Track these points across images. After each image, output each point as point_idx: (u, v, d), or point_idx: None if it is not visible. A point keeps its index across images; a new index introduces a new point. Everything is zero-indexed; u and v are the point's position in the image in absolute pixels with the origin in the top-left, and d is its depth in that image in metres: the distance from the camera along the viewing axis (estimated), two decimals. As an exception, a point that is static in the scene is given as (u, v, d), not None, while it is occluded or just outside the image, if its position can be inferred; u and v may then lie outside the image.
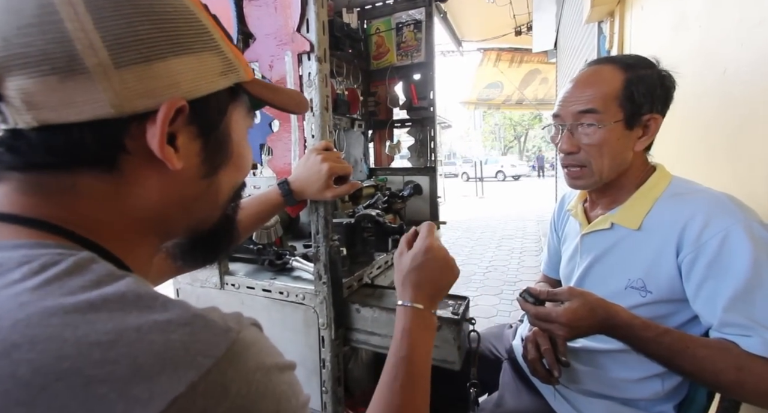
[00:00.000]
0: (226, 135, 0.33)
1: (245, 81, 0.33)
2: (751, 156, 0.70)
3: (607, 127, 0.62)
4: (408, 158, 1.57)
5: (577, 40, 2.66)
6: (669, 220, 0.60)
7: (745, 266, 0.52)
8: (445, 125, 13.90)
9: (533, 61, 6.37)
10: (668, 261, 0.60)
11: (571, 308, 0.55)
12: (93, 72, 0.24)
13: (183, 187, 0.31)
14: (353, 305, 0.76)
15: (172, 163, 0.28)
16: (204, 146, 0.31)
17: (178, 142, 0.28)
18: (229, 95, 0.32)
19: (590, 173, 0.66)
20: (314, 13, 0.67)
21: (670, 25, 1.12)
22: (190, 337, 0.21)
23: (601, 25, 1.97)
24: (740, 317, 0.52)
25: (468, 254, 3.89)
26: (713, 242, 0.54)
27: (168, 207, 0.31)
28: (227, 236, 0.39)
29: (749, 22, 0.69)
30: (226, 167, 0.33)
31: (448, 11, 4.25)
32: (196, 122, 0.29)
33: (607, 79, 0.63)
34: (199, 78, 0.29)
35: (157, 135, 0.27)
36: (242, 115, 0.35)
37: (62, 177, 0.26)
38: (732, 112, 0.60)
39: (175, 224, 0.33)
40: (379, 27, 1.51)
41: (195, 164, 0.31)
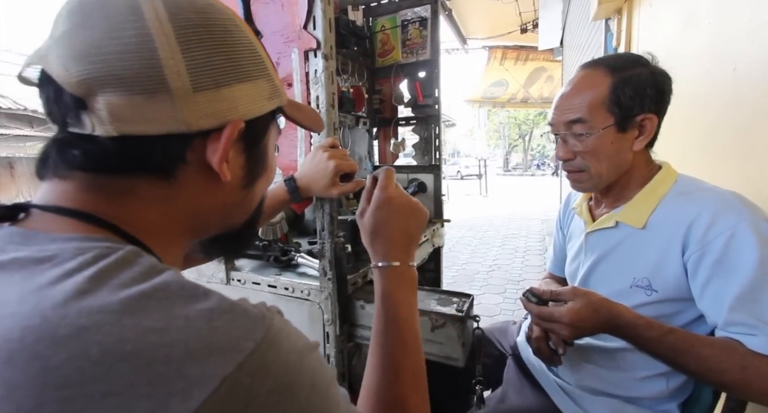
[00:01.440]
0: (264, 151, 0.37)
1: (285, 105, 0.38)
2: (761, 154, 0.69)
3: (596, 134, 0.63)
4: (412, 156, 1.57)
5: (584, 38, 2.64)
6: (675, 218, 0.60)
7: (752, 265, 0.51)
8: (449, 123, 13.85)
9: (539, 59, 6.32)
10: (674, 260, 0.59)
11: (574, 309, 0.55)
12: (175, 94, 0.28)
13: (226, 195, 0.35)
14: (358, 302, 0.77)
15: (225, 176, 0.32)
16: (247, 160, 0.35)
17: (228, 156, 0.32)
18: (272, 117, 0.36)
19: (590, 176, 0.67)
20: (321, 10, 0.67)
21: (679, 22, 1.11)
22: (232, 323, 0.24)
23: (608, 23, 1.96)
24: (746, 316, 0.52)
25: (472, 252, 3.88)
26: (719, 241, 0.54)
27: (210, 213, 0.35)
28: (250, 235, 0.43)
29: (760, 19, 0.68)
30: (262, 178, 0.38)
31: (454, 9, 4.23)
32: (244, 140, 0.33)
33: (594, 85, 0.63)
34: (254, 102, 0.33)
35: (219, 152, 0.30)
36: (275, 131, 0.39)
37: (123, 180, 0.30)
38: (742, 110, 0.60)
39: (212, 227, 0.37)
40: (385, 24, 1.51)
41: (239, 176, 0.34)
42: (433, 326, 0.70)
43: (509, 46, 6.05)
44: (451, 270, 3.27)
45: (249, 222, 0.40)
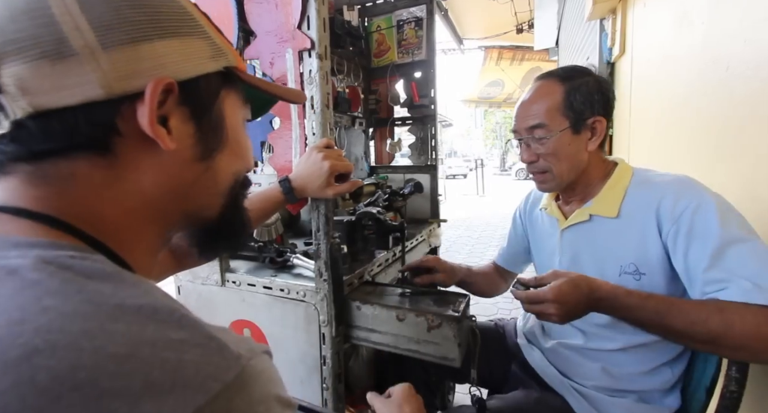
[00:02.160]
0: (219, 119, 0.33)
1: (236, 67, 0.34)
2: (754, 154, 0.70)
3: (555, 136, 0.70)
4: (409, 156, 1.57)
5: (579, 38, 2.65)
6: (643, 203, 0.65)
7: (716, 228, 0.56)
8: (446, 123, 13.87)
9: (535, 59, 6.34)
10: (654, 241, 0.64)
11: (555, 286, 0.58)
12: (81, 54, 0.25)
13: (178, 170, 0.31)
14: (354, 303, 0.76)
15: (164, 142, 0.28)
16: (197, 128, 0.31)
17: (170, 123, 0.29)
18: (222, 81, 0.33)
19: (552, 177, 0.73)
20: (315, 10, 0.67)
21: (672, 22, 1.12)
22: (202, 358, 0.21)
23: (603, 23, 1.96)
24: (717, 272, 0.55)
25: (469, 252, 3.89)
26: (687, 213, 0.60)
27: (164, 192, 0.31)
28: (239, 225, 0.40)
29: (753, 19, 0.69)
30: (223, 152, 0.34)
31: (450, 9, 4.23)
32: (187, 104, 0.30)
33: (549, 94, 0.71)
34: (186, 60, 0.30)
35: (146, 113, 0.27)
36: (237, 103, 0.36)
37: (62, 166, 0.27)
38: (735, 109, 0.60)
39: (173, 211, 0.33)
40: (380, 24, 1.51)
41: (188, 146, 0.31)
42: (429, 326, 0.70)
43: (505, 46, 6.08)
44: (449, 270, 3.27)
45: (231, 208, 0.37)
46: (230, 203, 0.37)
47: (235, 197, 0.38)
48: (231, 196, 0.37)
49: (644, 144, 1.46)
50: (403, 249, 0.96)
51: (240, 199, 0.39)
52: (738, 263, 0.54)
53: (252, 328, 0.84)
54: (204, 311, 0.90)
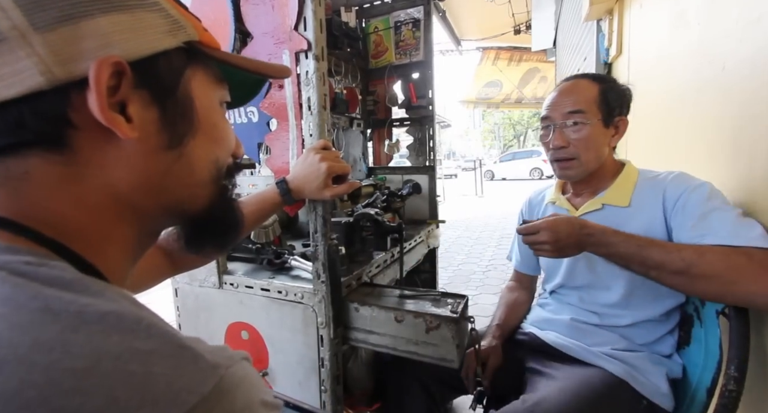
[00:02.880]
0: (186, 100, 0.30)
1: (199, 42, 0.30)
2: (750, 152, 0.70)
3: (591, 123, 0.76)
4: (407, 157, 1.57)
5: (576, 39, 2.66)
6: (651, 194, 0.74)
7: (705, 201, 0.65)
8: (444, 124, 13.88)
9: (532, 59, 6.36)
10: (660, 226, 0.71)
11: (551, 218, 0.68)
12: (10, 37, 0.23)
13: (146, 161, 0.28)
14: (352, 304, 0.76)
15: (121, 130, 0.25)
16: (161, 112, 0.28)
17: (129, 110, 0.26)
18: (186, 58, 0.30)
19: (578, 164, 0.78)
20: (311, 11, 0.67)
21: (668, 22, 1.12)
22: (174, 371, 0.20)
23: (600, 24, 1.97)
24: (700, 228, 0.63)
25: (468, 253, 3.89)
26: (685, 194, 0.68)
27: (134, 187, 0.28)
28: (228, 219, 0.37)
29: (748, 19, 0.69)
30: (196, 137, 0.31)
31: (447, 10, 4.24)
32: (146, 86, 0.27)
33: (587, 88, 0.78)
34: (137, 37, 0.26)
35: (95, 99, 0.24)
36: (208, 82, 0.32)
37: (12, 165, 0.24)
38: (731, 108, 0.61)
39: (147, 207, 0.30)
40: (378, 26, 1.51)
41: (154, 133, 0.28)
42: (427, 327, 0.70)
43: (503, 47, 6.09)
44: (447, 271, 3.27)
45: (217, 199, 0.34)
46: (217, 195, 0.34)
47: (222, 188, 0.35)
48: (216, 186, 0.33)
49: (641, 143, 1.46)
50: (401, 250, 0.96)
51: (227, 190, 0.36)
52: (719, 223, 0.61)
53: (250, 330, 0.83)
54: (201, 313, 0.89)
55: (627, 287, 0.75)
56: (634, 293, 0.75)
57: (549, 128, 0.79)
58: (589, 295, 0.81)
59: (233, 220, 0.38)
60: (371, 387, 1.15)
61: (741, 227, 0.60)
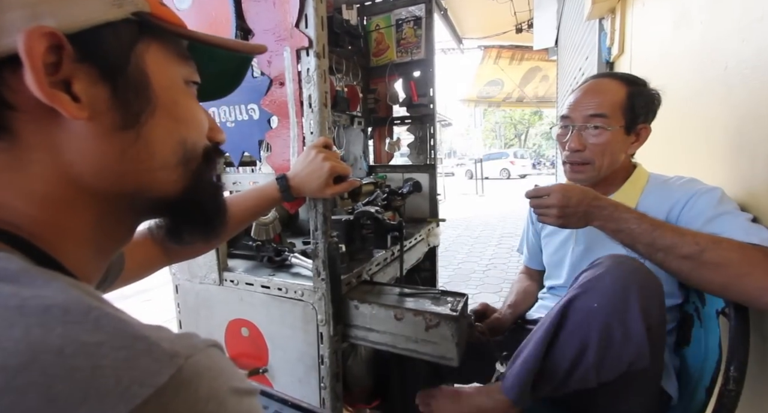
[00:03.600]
0: (140, 76, 0.27)
1: (150, 13, 0.28)
2: (751, 153, 0.70)
3: (612, 130, 0.73)
4: (408, 156, 1.57)
5: (578, 38, 2.65)
6: (659, 198, 0.73)
7: (715, 204, 0.64)
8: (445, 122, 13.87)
9: (534, 58, 6.34)
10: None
11: (562, 183, 0.66)
12: None
13: (98, 143, 0.26)
14: (352, 302, 0.76)
15: (66, 109, 0.23)
16: (113, 91, 0.26)
17: (75, 88, 0.24)
18: (137, 32, 0.28)
19: (592, 169, 0.76)
20: (313, 8, 0.67)
21: (671, 21, 1.12)
22: (125, 363, 0.18)
23: (602, 22, 1.96)
24: (709, 230, 0.62)
25: (468, 252, 3.89)
26: (695, 197, 0.67)
27: (88, 173, 0.26)
28: (209, 205, 0.34)
29: (750, 18, 0.69)
30: (156, 116, 0.28)
31: (449, 8, 4.23)
32: (92, 61, 0.25)
33: (614, 90, 0.74)
34: (72, 6, 0.24)
35: (30, 75, 0.22)
36: (167, 57, 0.30)
37: None
38: (733, 108, 0.61)
39: (106, 194, 0.27)
40: (379, 23, 1.50)
41: (105, 112, 0.26)
42: (427, 325, 0.70)
43: (504, 45, 6.07)
44: (448, 270, 3.27)
45: (191, 187, 0.31)
46: (190, 179, 0.31)
47: (196, 172, 0.32)
48: (187, 170, 0.31)
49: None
50: (401, 248, 0.96)
51: (203, 175, 0.33)
52: (730, 224, 0.60)
53: (250, 327, 0.83)
54: (202, 310, 0.90)
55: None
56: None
57: (568, 128, 0.76)
58: None
59: (214, 207, 0.35)
60: (371, 385, 1.16)
61: (754, 228, 0.59)
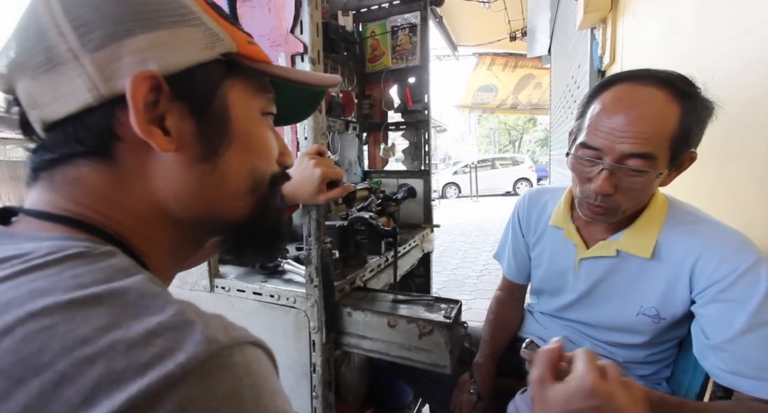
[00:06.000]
0: (223, 112, 0.30)
1: (238, 53, 0.31)
2: (738, 161, 0.71)
3: (655, 173, 0.54)
4: (402, 161, 1.57)
5: (571, 46, 2.69)
6: (681, 250, 0.58)
7: (752, 305, 0.51)
8: (440, 128, 13.96)
9: (527, 66, 6.44)
10: (682, 293, 0.59)
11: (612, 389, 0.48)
12: (66, 59, 0.25)
13: (182, 172, 0.29)
14: (345, 309, 0.76)
15: (158, 143, 0.27)
16: (198, 125, 0.29)
17: (167, 123, 0.27)
18: (225, 70, 0.31)
19: (617, 213, 0.59)
20: (308, 14, 0.67)
21: (660, 31, 1.14)
22: (173, 344, 0.19)
23: (593, 32, 2.00)
24: (733, 358, 0.52)
25: (462, 257, 3.90)
26: (729, 279, 0.53)
27: (171, 198, 0.29)
28: (269, 231, 0.36)
29: (736, 30, 0.70)
30: (231, 148, 0.31)
31: (444, 16, 4.28)
32: (184, 99, 0.28)
33: (664, 114, 0.52)
34: (174, 51, 0.27)
35: (133, 114, 0.26)
36: (247, 92, 0.32)
37: (67, 171, 0.27)
38: (721, 116, 0.61)
39: (182, 217, 0.31)
40: (375, 30, 1.52)
41: (190, 145, 0.29)
42: (420, 333, 0.70)
43: (499, 53, 6.16)
44: (442, 275, 3.27)
45: (257, 212, 0.34)
46: (256, 206, 0.34)
47: (262, 198, 0.34)
48: (256, 197, 0.33)
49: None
50: (395, 254, 0.96)
51: (268, 201, 0.35)
52: (758, 354, 0.50)
53: (241, 335, 0.82)
54: (192, 317, 0.88)
55: (652, 335, 0.65)
56: (656, 339, 0.66)
57: (595, 163, 0.56)
58: (598, 332, 0.71)
59: (276, 231, 0.37)
60: (364, 393, 1.14)
61: None
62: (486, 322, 0.85)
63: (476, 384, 0.76)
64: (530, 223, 0.80)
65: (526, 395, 0.57)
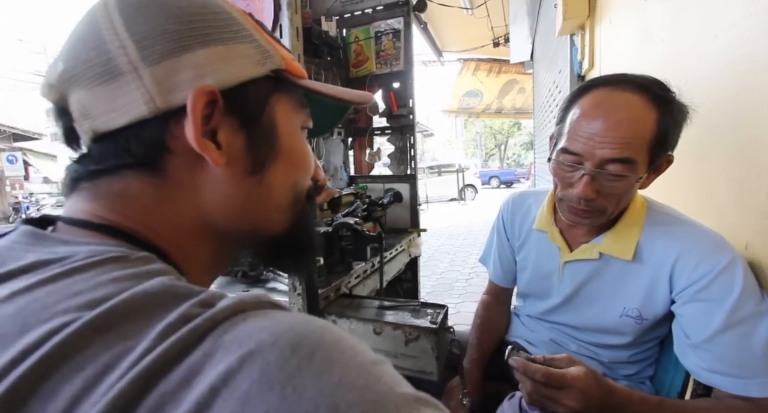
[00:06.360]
0: (270, 127, 0.31)
1: (285, 69, 0.31)
2: (710, 163, 0.73)
3: (635, 177, 0.55)
4: (388, 166, 1.57)
5: (552, 52, 2.76)
6: (660, 252, 0.60)
7: (729, 302, 0.52)
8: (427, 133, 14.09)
9: (511, 71, 6.57)
10: (663, 294, 0.61)
11: (583, 375, 0.47)
12: (126, 72, 0.25)
13: (230, 186, 0.29)
14: (330, 317, 0.74)
15: (212, 157, 0.27)
16: (247, 139, 0.29)
17: (219, 137, 0.28)
18: (273, 86, 0.31)
19: (601, 216, 0.60)
20: (288, 18, 0.66)
21: (636, 37, 1.17)
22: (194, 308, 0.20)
23: (573, 38, 2.05)
24: (711, 357, 0.54)
25: (451, 261, 3.91)
26: (707, 277, 0.55)
27: (218, 213, 0.30)
28: (305, 243, 0.36)
29: (706, 36, 0.73)
30: (276, 163, 0.31)
31: (429, 22, 4.34)
32: (235, 113, 0.28)
33: (642, 119, 0.53)
34: (230, 66, 0.28)
35: (191, 128, 0.26)
36: (291, 107, 0.33)
37: (114, 183, 0.27)
38: (693, 120, 0.63)
39: (226, 230, 0.31)
40: (358, 35, 1.52)
41: (239, 159, 0.29)
42: (406, 339, 0.69)
43: (483, 59, 6.27)
44: (431, 279, 3.27)
45: (294, 226, 0.34)
46: (295, 220, 0.34)
47: (300, 212, 0.34)
48: (295, 211, 0.34)
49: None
50: (381, 260, 0.95)
51: (306, 214, 0.36)
52: (735, 353, 0.52)
53: (222, 347, 0.79)
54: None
55: (635, 336, 0.66)
56: (639, 339, 0.67)
57: (576, 168, 0.57)
58: (584, 334, 0.73)
59: (311, 244, 0.38)
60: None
61: (761, 362, 0.50)
62: (473, 326, 0.85)
63: (467, 389, 0.76)
64: (515, 227, 0.81)
65: (514, 400, 0.57)
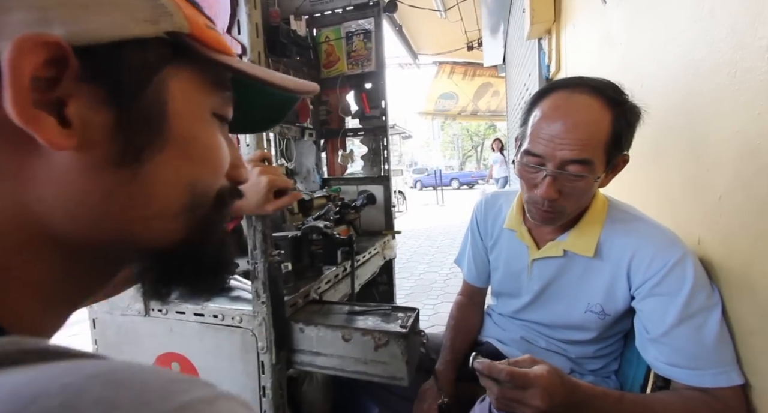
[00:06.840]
0: (157, 106, 0.23)
1: (189, 34, 0.24)
2: (667, 162, 0.76)
3: (592, 178, 0.57)
4: (362, 168, 1.55)
5: (522, 56, 2.84)
6: (619, 248, 0.62)
7: (683, 296, 0.54)
8: (405, 135, 14.19)
9: (485, 74, 6.72)
10: (622, 289, 0.63)
11: (544, 374, 0.47)
12: None
13: (81, 179, 0.21)
14: (296, 325, 0.71)
15: (46, 135, 0.19)
16: (118, 118, 0.22)
17: (69, 111, 0.20)
18: (170, 55, 0.24)
19: (563, 215, 0.63)
20: (246, 14, 0.63)
21: (598, 42, 1.22)
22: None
23: (540, 42, 2.11)
24: (669, 350, 0.56)
25: (429, 262, 3.93)
26: (660, 273, 0.57)
27: (56, 212, 0.21)
28: (213, 259, 0.29)
29: (659, 41, 0.76)
30: (162, 154, 0.23)
31: (404, 25, 4.37)
32: (101, 82, 0.21)
33: (597, 121, 0.56)
34: (96, 16, 0.20)
35: (10, 91, 0.18)
36: (196, 86, 0.25)
37: None
38: (650, 122, 0.66)
39: (76, 240, 0.22)
40: (329, 36, 1.49)
41: (100, 144, 0.21)
42: (376, 345, 0.67)
43: (458, 62, 6.38)
44: (409, 281, 3.27)
45: (193, 237, 0.26)
46: (195, 229, 0.26)
47: (204, 220, 0.27)
48: (194, 218, 0.26)
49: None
50: (353, 264, 0.93)
51: (211, 222, 0.28)
52: (689, 346, 0.53)
53: (181, 361, 0.75)
54: (125, 346, 0.79)
55: (600, 331, 0.68)
56: (603, 334, 0.69)
57: (538, 170, 0.59)
58: (552, 331, 0.74)
59: (217, 262, 0.29)
60: (328, 410, 1.09)
61: (713, 354, 0.52)
62: (447, 328, 0.85)
63: (442, 391, 0.75)
64: (487, 226, 0.83)
65: (485, 403, 0.56)
